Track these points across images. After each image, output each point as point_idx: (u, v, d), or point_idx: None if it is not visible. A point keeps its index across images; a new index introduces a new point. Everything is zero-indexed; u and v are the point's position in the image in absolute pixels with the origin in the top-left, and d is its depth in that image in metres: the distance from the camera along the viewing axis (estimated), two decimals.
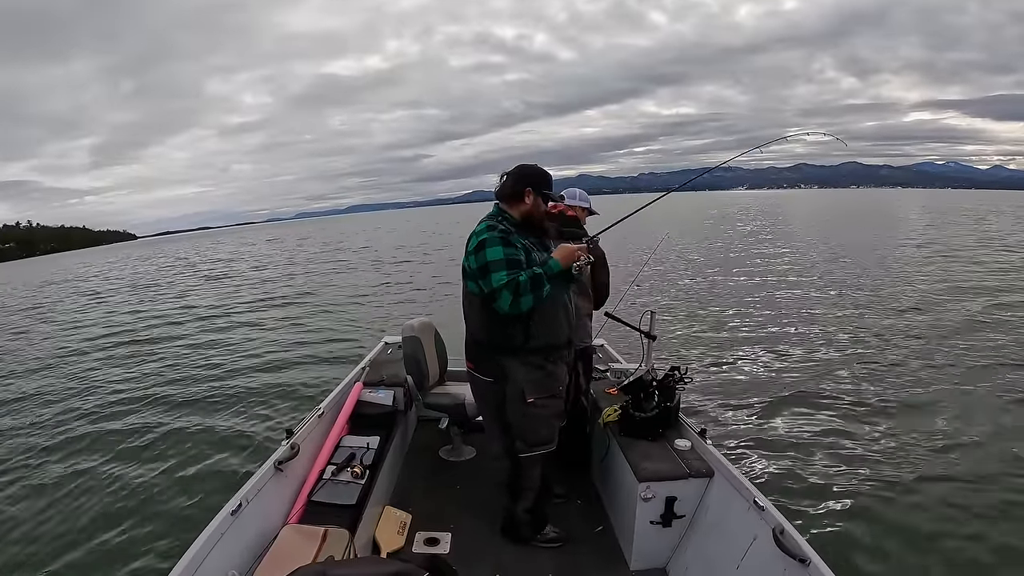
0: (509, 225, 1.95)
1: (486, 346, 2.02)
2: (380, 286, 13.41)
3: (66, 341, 9.35)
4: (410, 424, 3.21)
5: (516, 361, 1.97)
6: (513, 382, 1.98)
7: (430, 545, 2.25)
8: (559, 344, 2.03)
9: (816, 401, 4.74)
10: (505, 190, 2.00)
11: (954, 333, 6.91)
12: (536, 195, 1.98)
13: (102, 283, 21.62)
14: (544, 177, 2.02)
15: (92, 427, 4.87)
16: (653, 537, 2.05)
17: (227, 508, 1.67)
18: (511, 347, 1.95)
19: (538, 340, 1.95)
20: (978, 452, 3.73)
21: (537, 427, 2.04)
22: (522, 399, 1.97)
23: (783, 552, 1.54)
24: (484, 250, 1.86)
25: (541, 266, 1.87)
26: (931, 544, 2.80)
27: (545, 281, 1.82)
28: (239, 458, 3.97)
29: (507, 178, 2.01)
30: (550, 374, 2.01)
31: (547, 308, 1.92)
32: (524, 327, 1.92)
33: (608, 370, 3.03)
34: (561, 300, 2.00)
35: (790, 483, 3.38)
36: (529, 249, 1.94)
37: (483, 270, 1.85)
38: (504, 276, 1.82)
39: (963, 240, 18.08)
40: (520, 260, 1.87)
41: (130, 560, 2.86)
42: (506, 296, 1.80)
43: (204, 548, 1.50)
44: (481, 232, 1.91)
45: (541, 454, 2.09)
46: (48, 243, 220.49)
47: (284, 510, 1.95)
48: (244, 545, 1.66)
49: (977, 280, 10.31)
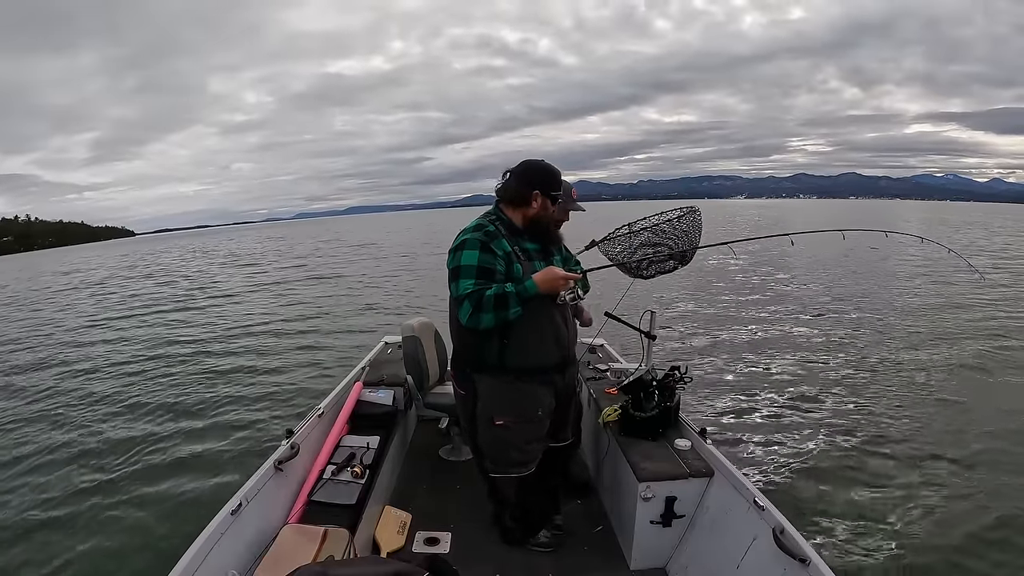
0: (502, 228, 1.76)
1: (461, 358, 1.89)
2: (380, 286, 13.42)
3: (67, 337, 9.33)
4: (410, 424, 3.21)
5: (488, 378, 1.81)
6: (483, 400, 1.83)
7: (430, 545, 2.25)
8: (541, 367, 1.83)
9: (817, 400, 4.75)
10: (509, 192, 1.80)
11: (960, 334, 6.92)
12: (544, 197, 1.78)
13: (107, 277, 21.60)
14: (552, 176, 1.81)
15: (89, 426, 4.86)
16: (653, 537, 2.05)
17: (227, 508, 1.67)
18: (484, 363, 1.79)
19: (514, 360, 1.76)
20: (981, 453, 3.74)
21: (505, 450, 1.89)
22: (490, 420, 1.83)
23: (783, 552, 1.54)
24: (461, 252, 1.70)
25: (517, 284, 1.66)
26: (931, 543, 2.80)
27: (512, 302, 1.62)
28: (239, 458, 3.97)
29: (511, 177, 1.81)
30: (526, 396, 1.82)
31: (528, 326, 1.73)
32: (499, 344, 1.74)
33: (608, 370, 3.04)
34: (549, 318, 1.79)
35: (790, 483, 3.38)
36: (514, 258, 1.73)
37: (454, 273, 1.70)
38: (471, 284, 1.64)
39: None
40: (494, 270, 1.68)
41: (129, 560, 2.86)
42: (467, 307, 1.63)
43: (204, 548, 1.50)
44: (466, 231, 1.75)
45: (514, 477, 1.94)
46: (46, 238, 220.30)
47: (284, 510, 1.94)
48: (244, 545, 1.66)
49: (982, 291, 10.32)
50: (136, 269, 25.88)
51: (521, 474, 1.92)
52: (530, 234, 1.82)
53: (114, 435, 4.60)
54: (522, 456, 1.90)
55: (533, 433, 1.89)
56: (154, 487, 3.63)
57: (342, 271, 17.69)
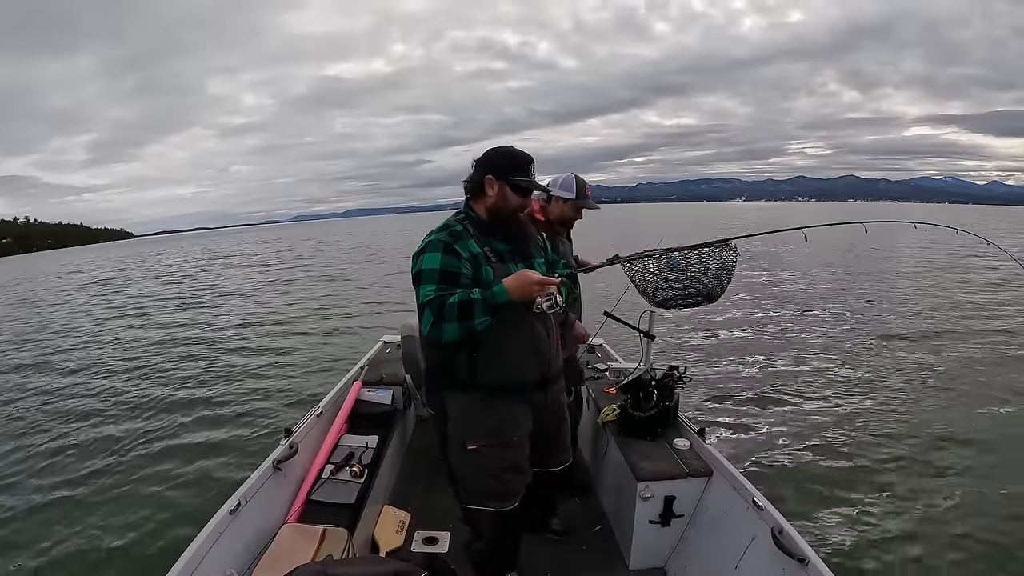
0: (471, 227, 1.57)
1: (430, 373, 1.68)
2: (379, 286, 13.41)
3: (65, 340, 9.32)
4: (409, 423, 3.21)
5: (460, 397, 1.60)
6: (454, 421, 1.62)
7: (429, 544, 2.25)
8: (519, 384, 1.60)
9: (815, 400, 4.76)
10: (470, 183, 1.60)
11: (960, 333, 6.93)
12: (502, 183, 1.54)
13: (111, 278, 21.59)
14: (509, 157, 1.56)
15: (87, 426, 4.85)
16: (652, 536, 2.05)
17: (225, 507, 1.67)
18: (454, 379, 1.58)
19: (486, 376, 1.55)
20: (984, 452, 3.74)
21: (481, 477, 1.63)
22: (462, 444, 1.60)
23: (782, 551, 1.54)
24: (423, 255, 1.52)
25: (484, 290, 1.44)
26: (931, 542, 2.80)
27: (478, 310, 1.41)
28: (237, 457, 3.96)
29: (474, 167, 1.61)
30: (501, 419, 1.60)
31: (500, 338, 1.52)
32: (468, 358, 1.54)
33: (607, 369, 3.04)
34: (525, 329, 1.58)
35: (789, 483, 3.38)
36: (483, 260, 1.53)
37: (415, 279, 1.52)
38: (432, 291, 1.45)
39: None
40: (459, 274, 1.48)
41: (128, 560, 2.85)
42: (427, 316, 1.43)
43: (203, 547, 1.50)
44: (431, 233, 1.56)
45: (493, 512, 1.65)
46: (45, 239, 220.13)
47: (283, 509, 1.94)
48: (243, 544, 1.66)
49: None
50: (137, 269, 25.87)
51: (498, 509, 1.65)
52: (499, 231, 1.60)
53: (110, 434, 4.59)
54: (500, 486, 1.64)
55: (510, 460, 1.64)
56: (151, 487, 3.63)
57: (342, 272, 17.69)
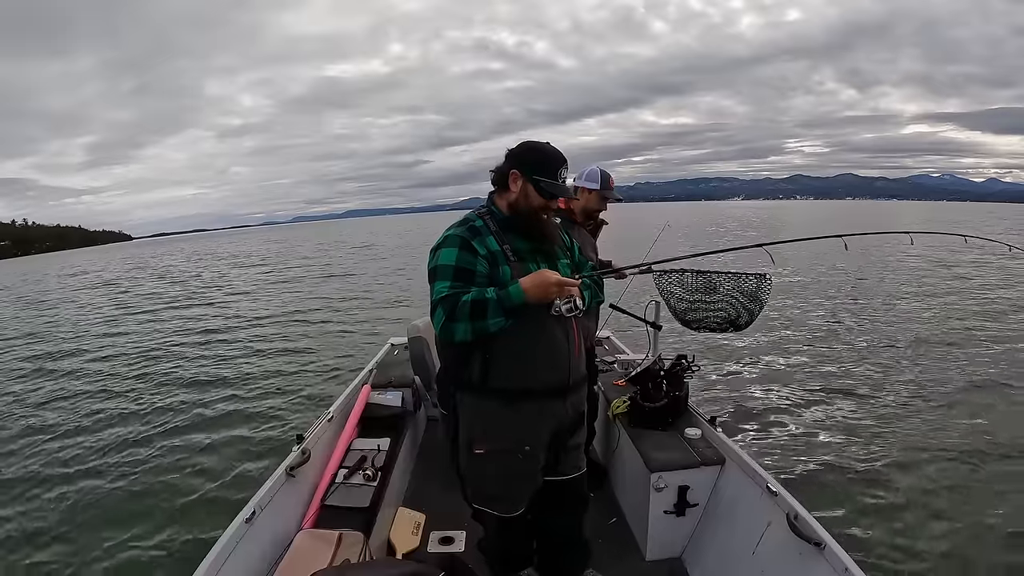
0: (492, 223, 1.51)
1: (443, 373, 1.65)
2: (381, 288, 13.43)
3: (74, 344, 9.35)
4: (420, 424, 3.21)
5: (471, 399, 1.54)
6: (464, 424, 1.57)
7: (445, 544, 2.25)
8: (533, 390, 1.51)
9: (827, 385, 4.74)
10: (496, 174, 1.55)
11: (975, 322, 6.87)
12: (526, 181, 1.47)
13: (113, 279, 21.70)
14: (540, 154, 1.49)
15: (96, 433, 4.86)
16: (667, 527, 2.05)
17: (241, 516, 1.67)
18: (467, 381, 1.52)
19: (499, 379, 1.48)
20: (997, 436, 3.72)
21: (485, 482, 1.61)
22: (470, 446, 1.56)
23: (798, 536, 1.53)
24: (440, 250, 1.47)
25: (500, 290, 1.39)
26: (946, 526, 2.79)
27: (492, 311, 1.36)
28: (250, 465, 3.97)
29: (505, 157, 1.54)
30: (512, 426, 1.52)
31: (516, 340, 1.45)
32: (482, 359, 1.48)
33: (615, 361, 3.03)
34: (543, 332, 1.49)
35: (803, 468, 3.37)
36: (501, 259, 1.47)
37: (431, 275, 1.47)
38: (446, 288, 1.41)
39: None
40: (474, 271, 1.43)
41: (145, 572, 2.86)
42: (440, 314, 1.39)
43: (220, 557, 1.51)
44: (451, 227, 1.52)
45: (498, 516, 1.63)
46: (44, 242, 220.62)
47: (298, 515, 1.95)
48: (260, 552, 1.67)
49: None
50: (141, 271, 26.00)
51: (503, 514, 1.63)
52: (520, 228, 1.53)
53: (121, 445, 4.58)
54: (504, 492, 1.61)
55: (518, 469, 1.57)
56: (165, 498, 3.62)
57: (343, 273, 17.72)
